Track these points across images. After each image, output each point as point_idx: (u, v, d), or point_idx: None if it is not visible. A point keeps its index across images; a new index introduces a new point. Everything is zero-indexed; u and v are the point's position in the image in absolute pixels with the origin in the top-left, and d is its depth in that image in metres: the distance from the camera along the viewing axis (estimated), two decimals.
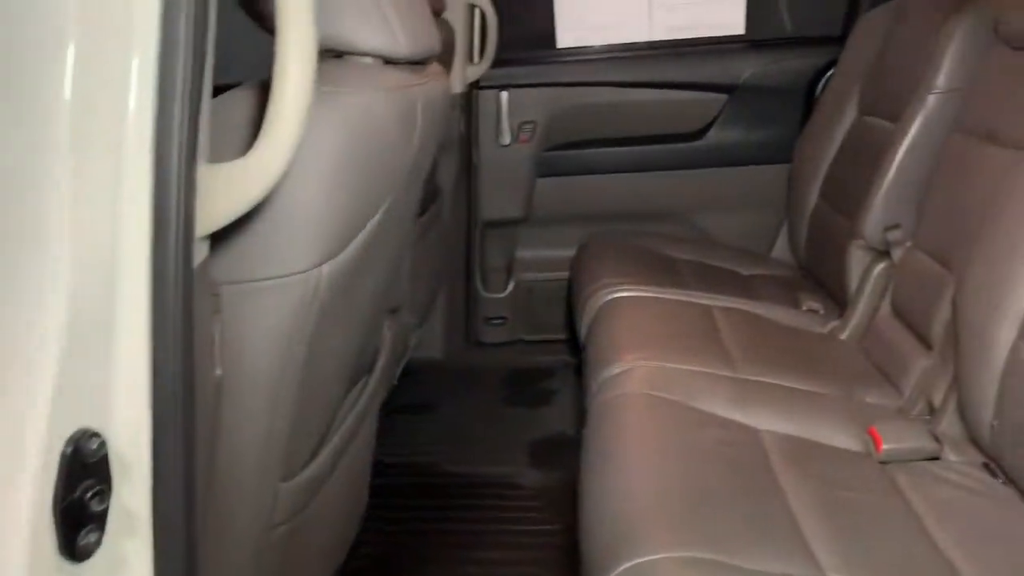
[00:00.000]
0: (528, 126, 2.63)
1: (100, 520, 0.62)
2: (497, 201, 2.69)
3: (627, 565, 1.00)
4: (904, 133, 1.89)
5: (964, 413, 1.42)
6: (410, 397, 2.33)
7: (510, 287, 2.80)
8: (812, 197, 2.32)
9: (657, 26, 2.61)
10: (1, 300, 0.58)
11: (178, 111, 0.61)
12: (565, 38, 2.65)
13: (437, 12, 2.26)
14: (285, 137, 0.69)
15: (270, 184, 0.71)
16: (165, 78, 0.60)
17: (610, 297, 2.01)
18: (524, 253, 2.77)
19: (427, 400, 2.48)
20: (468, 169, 2.64)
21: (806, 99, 2.56)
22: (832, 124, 2.30)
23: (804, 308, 2.08)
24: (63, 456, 0.58)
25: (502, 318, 2.82)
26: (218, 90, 0.77)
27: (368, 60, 1.07)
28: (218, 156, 0.70)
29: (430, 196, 2.18)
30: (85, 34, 0.56)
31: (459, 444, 2.24)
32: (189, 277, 0.65)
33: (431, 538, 1.85)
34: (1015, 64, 1.60)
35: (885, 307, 1.85)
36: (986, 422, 1.36)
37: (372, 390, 1.46)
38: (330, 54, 1.08)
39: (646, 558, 1.00)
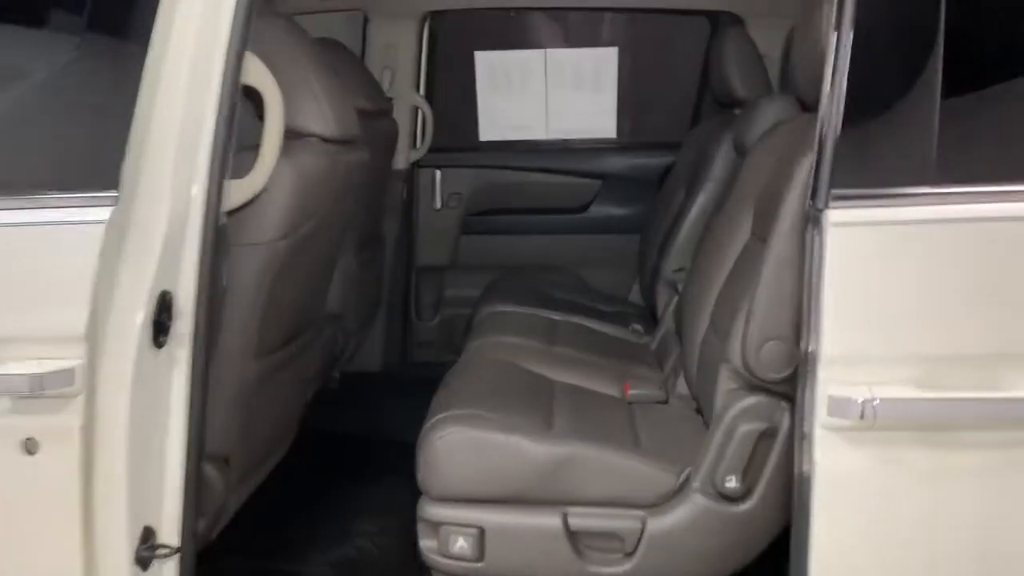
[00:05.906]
0: (455, 196, 3.53)
1: (166, 333, 1.45)
2: (430, 251, 3.57)
3: (441, 415, 1.84)
4: (691, 208, 2.81)
5: (685, 377, 2.27)
6: (354, 396, 3.12)
7: (437, 318, 3.65)
8: (653, 259, 3.20)
9: (552, 129, 3.56)
10: (138, 222, 1.43)
11: (223, 149, 1.48)
12: (486, 134, 3.59)
13: (386, 111, 3.18)
14: (261, 175, 1.58)
15: (251, 195, 1.59)
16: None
17: (488, 311, 2.86)
18: (450, 292, 3.63)
19: (367, 398, 3.27)
20: (409, 226, 3.52)
21: (657, 188, 3.48)
22: (669, 205, 3.21)
23: (631, 328, 2.94)
24: (161, 296, 1.43)
25: (429, 342, 3.65)
26: None
27: (313, 139, 1.94)
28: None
29: (369, 240, 3.03)
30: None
31: (390, 421, 3.02)
32: (217, 229, 1.50)
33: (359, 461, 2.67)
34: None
35: (672, 324, 2.71)
36: (693, 381, 2.20)
37: (306, 343, 2.27)
38: (291, 134, 1.94)
39: (448, 412, 1.84)
